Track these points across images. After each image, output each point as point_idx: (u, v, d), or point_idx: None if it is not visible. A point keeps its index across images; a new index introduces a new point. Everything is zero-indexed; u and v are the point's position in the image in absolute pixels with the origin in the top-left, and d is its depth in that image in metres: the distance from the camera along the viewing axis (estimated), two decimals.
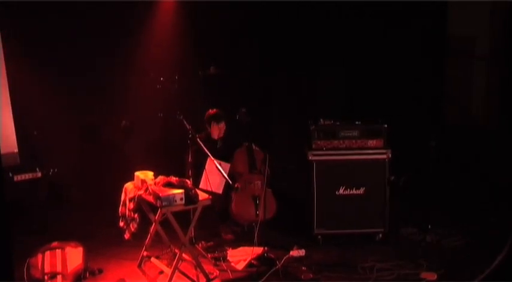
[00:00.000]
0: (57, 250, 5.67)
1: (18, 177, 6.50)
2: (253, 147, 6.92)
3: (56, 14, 7.71)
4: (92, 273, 5.81)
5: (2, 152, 6.43)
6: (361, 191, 6.59)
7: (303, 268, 5.90)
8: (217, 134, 6.98)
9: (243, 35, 8.66)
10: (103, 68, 8.12)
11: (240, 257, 6.14)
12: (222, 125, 6.97)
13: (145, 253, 6.03)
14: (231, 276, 5.79)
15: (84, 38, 7.95)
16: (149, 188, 5.58)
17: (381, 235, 6.61)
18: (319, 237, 6.58)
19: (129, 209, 5.78)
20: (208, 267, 5.88)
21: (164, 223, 5.81)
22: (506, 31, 8.21)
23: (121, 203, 5.92)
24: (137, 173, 5.88)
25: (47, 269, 5.55)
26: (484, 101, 8.69)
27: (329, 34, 8.63)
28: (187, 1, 8.47)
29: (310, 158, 6.57)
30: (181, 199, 5.40)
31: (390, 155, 6.56)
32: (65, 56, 7.89)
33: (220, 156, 6.52)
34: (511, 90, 8.06)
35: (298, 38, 8.65)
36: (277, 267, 5.84)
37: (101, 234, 6.79)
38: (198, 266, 5.65)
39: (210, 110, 7.00)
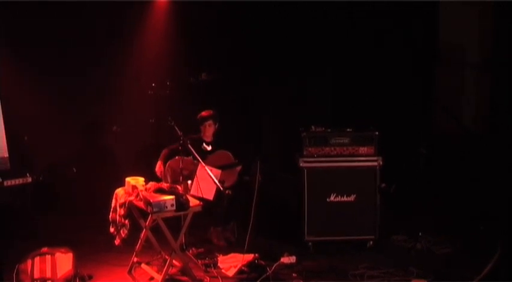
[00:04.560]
0: (47, 256, 5.62)
1: (8, 182, 6.46)
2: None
3: (46, 17, 7.70)
4: (82, 279, 5.77)
5: None
6: (352, 198, 6.60)
7: (294, 275, 5.90)
8: (205, 134, 6.95)
9: (234, 42, 8.65)
10: (94, 73, 8.12)
11: (231, 263, 6.12)
12: (209, 125, 6.93)
13: (135, 259, 6.00)
14: None
15: (75, 44, 7.95)
16: (140, 193, 5.57)
17: (371, 242, 6.62)
18: (310, 244, 6.58)
19: (119, 215, 5.77)
20: (199, 273, 5.86)
21: (155, 229, 5.80)
22: (495, 38, 8.25)
23: (111, 208, 5.91)
24: (128, 179, 5.87)
25: (36, 275, 5.50)
26: (474, 109, 8.71)
27: (320, 41, 8.64)
28: (179, 6, 8.47)
29: (301, 164, 6.58)
30: (172, 205, 5.40)
31: (381, 162, 6.58)
32: (55, 60, 7.88)
33: (208, 159, 6.50)
34: (501, 98, 8.09)
35: (289, 44, 8.64)
36: (267, 274, 5.83)
37: (91, 240, 6.75)
38: (189, 272, 5.64)
39: (203, 112, 6.98)
